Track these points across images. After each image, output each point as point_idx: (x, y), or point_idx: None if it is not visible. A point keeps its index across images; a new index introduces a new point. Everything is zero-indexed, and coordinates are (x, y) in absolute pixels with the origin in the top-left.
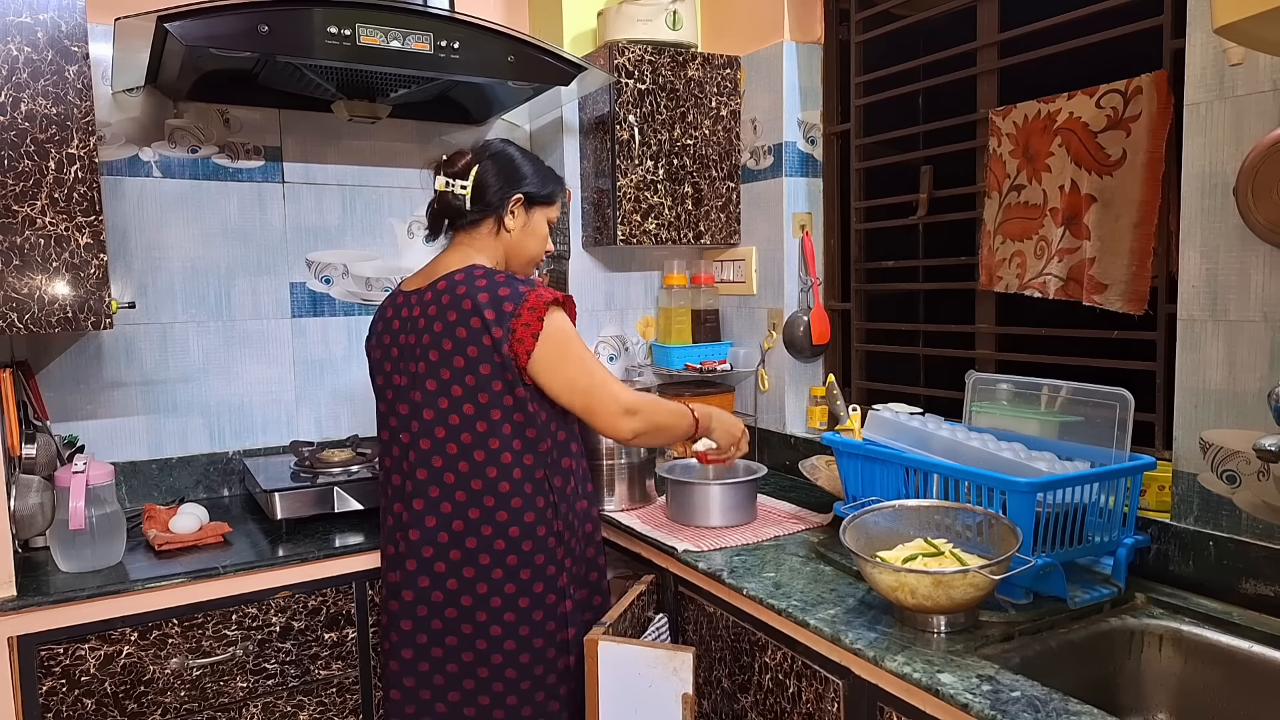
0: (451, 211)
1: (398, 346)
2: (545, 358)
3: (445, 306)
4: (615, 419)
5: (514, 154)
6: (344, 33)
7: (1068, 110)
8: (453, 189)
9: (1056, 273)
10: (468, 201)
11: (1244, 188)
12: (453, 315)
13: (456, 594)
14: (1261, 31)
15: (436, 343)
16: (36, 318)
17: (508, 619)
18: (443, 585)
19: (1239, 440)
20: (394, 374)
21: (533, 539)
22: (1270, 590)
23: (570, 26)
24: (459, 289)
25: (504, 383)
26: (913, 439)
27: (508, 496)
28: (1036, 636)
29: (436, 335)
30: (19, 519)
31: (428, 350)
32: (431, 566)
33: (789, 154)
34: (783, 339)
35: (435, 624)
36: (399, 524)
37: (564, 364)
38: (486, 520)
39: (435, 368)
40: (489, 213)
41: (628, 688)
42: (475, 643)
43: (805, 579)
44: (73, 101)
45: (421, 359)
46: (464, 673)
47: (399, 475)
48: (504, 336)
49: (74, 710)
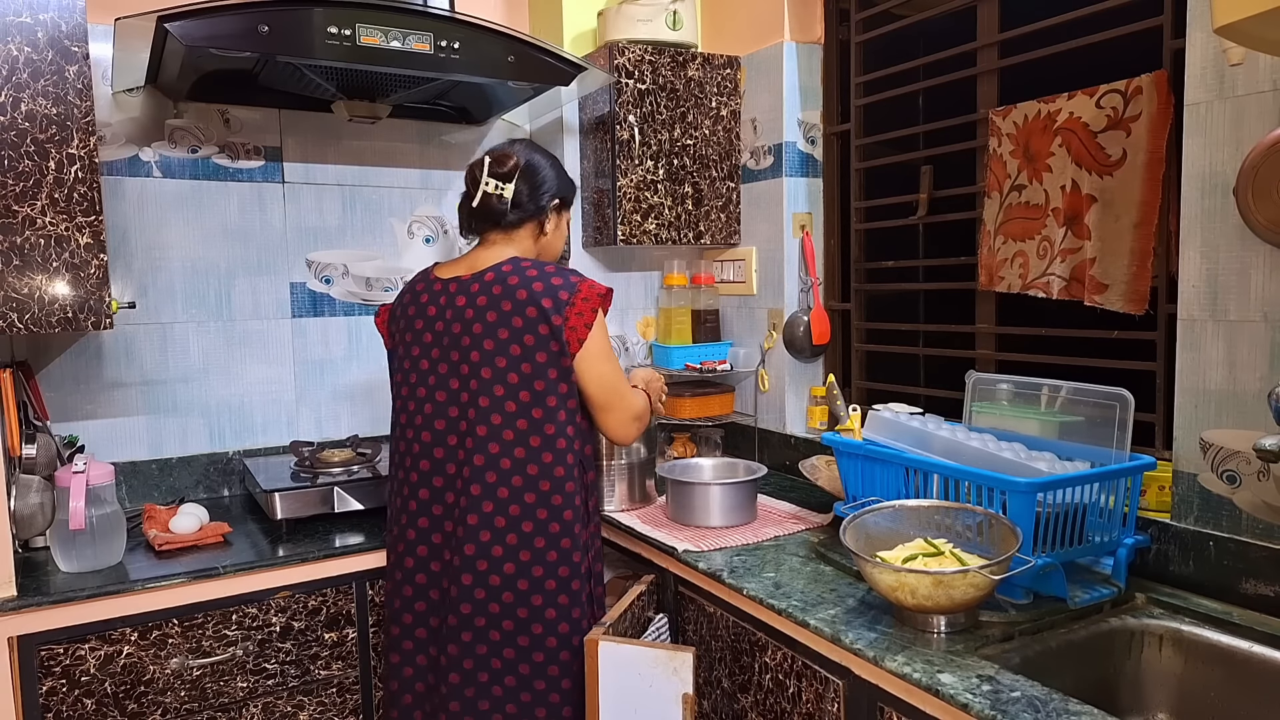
0: (494, 214)
1: (432, 333)
2: (594, 348)
3: (498, 296)
4: (627, 424)
5: (544, 160)
6: (344, 33)
7: (1068, 110)
8: (501, 191)
9: (1059, 273)
10: (509, 204)
11: (1244, 188)
12: (507, 305)
13: (500, 589)
14: (1261, 31)
15: (491, 331)
16: (36, 318)
17: (549, 615)
18: (500, 570)
19: (1239, 440)
20: (422, 359)
21: (579, 520)
22: (1270, 590)
23: (570, 26)
24: (510, 279)
25: (560, 370)
26: (913, 439)
27: (563, 481)
28: (1036, 636)
29: (490, 324)
30: (19, 519)
31: (481, 339)
32: (490, 550)
33: (789, 154)
34: (783, 339)
35: (478, 621)
36: (422, 509)
37: (605, 358)
38: (542, 504)
39: (490, 356)
40: (531, 217)
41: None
42: (517, 639)
43: (805, 579)
44: (73, 101)
45: (473, 348)
46: (505, 669)
47: (428, 460)
48: (561, 324)
49: (74, 710)
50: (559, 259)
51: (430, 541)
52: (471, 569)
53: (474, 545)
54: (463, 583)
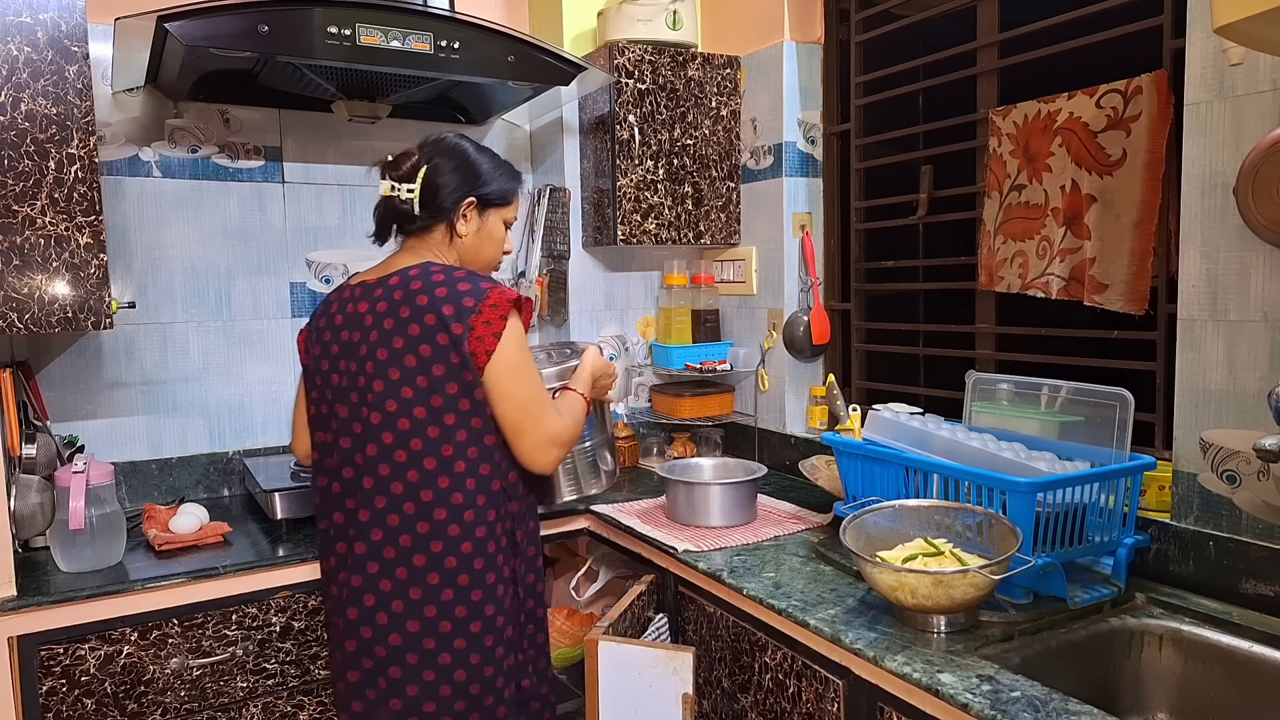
0: (399, 216)
1: (339, 344)
2: (504, 362)
3: (397, 302)
4: (539, 448)
5: (466, 150)
6: (344, 33)
7: (1068, 110)
8: (399, 193)
9: (1059, 273)
10: (416, 206)
11: (1244, 188)
12: (405, 311)
13: (403, 617)
14: (1261, 31)
15: (386, 340)
16: (36, 318)
17: (458, 645)
18: (388, 606)
19: (1239, 440)
20: (332, 373)
21: (484, 557)
22: (1270, 590)
23: (570, 26)
24: (413, 284)
25: (461, 384)
26: (913, 439)
27: (460, 509)
28: (1036, 636)
29: (386, 332)
30: (19, 519)
31: (375, 348)
32: (377, 584)
33: (789, 154)
34: (783, 339)
35: (380, 650)
36: (340, 534)
37: (514, 372)
38: (437, 535)
39: (383, 367)
40: (440, 218)
41: (628, 688)
42: (423, 674)
43: (805, 579)
44: (73, 101)
45: (368, 358)
46: (409, 709)
47: (339, 483)
48: (464, 334)
49: (74, 710)
50: (493, 266)
51: (347, 580)
52: (358, 603)
53: (360, 577)
54: (365, 604)
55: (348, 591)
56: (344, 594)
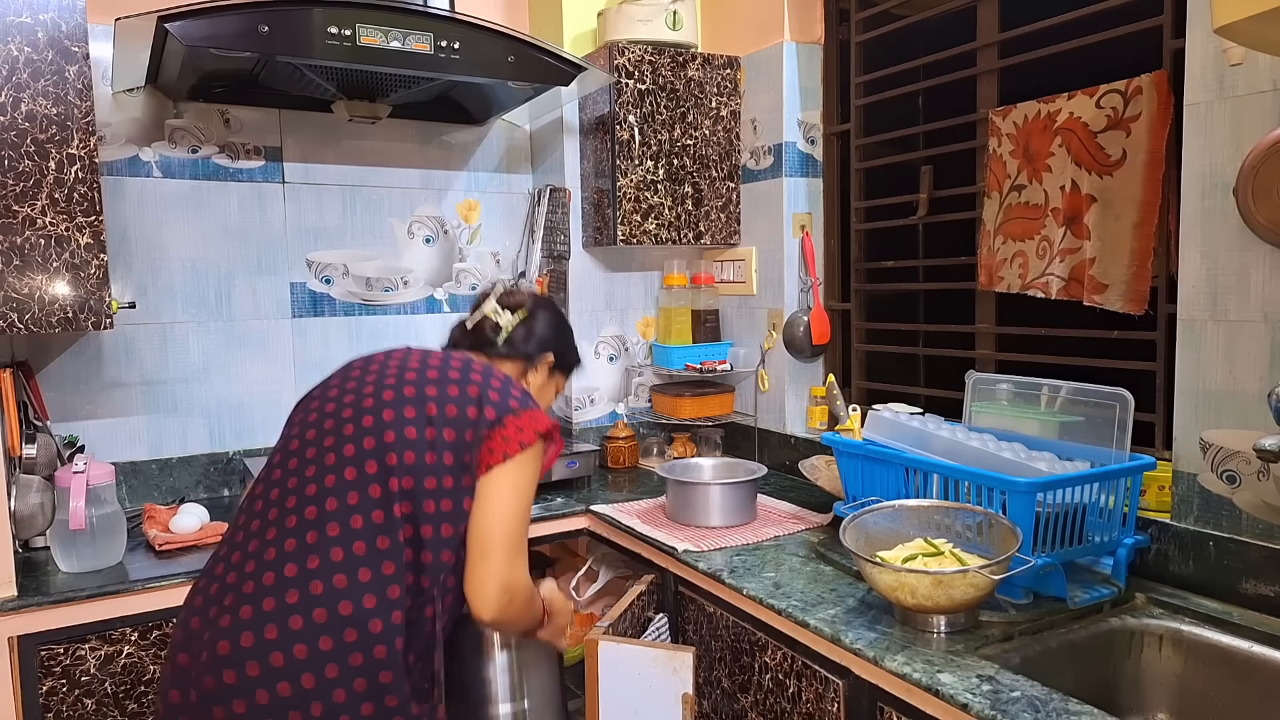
0: (483, 339)
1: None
2: (505, 475)
3: (450, 369)
4: (488, 587)
5: (559, 319)
6: (344, 33)
7: (1068, 110)
8: (498, 318)
9: (1058, 273)
10: (501, 337)
11: (1244, 188)
12: (455, 376)
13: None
14: (1261, 31)
15: (417, 400)
16: (37, 318)
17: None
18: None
19: (1239, 440)
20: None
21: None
22: (1270, 590)
23: (570, 27)
24: (475, 364)
25: (466, 469)
26: (913, 439)
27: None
28: (1036, 636)
29: (421, 392)
30: (19, 519)
31: (402, 405)
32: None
33: (789, 154)
34: (783, 339)
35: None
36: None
37: (507, 498)
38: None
39: (400, 423)
40: (518, 357)
41: (628, 687)
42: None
43: (805, 579)
44: (73, 101)
45: (379, 409)
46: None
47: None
48: (496, 419)
49: (74, 710)
50: None
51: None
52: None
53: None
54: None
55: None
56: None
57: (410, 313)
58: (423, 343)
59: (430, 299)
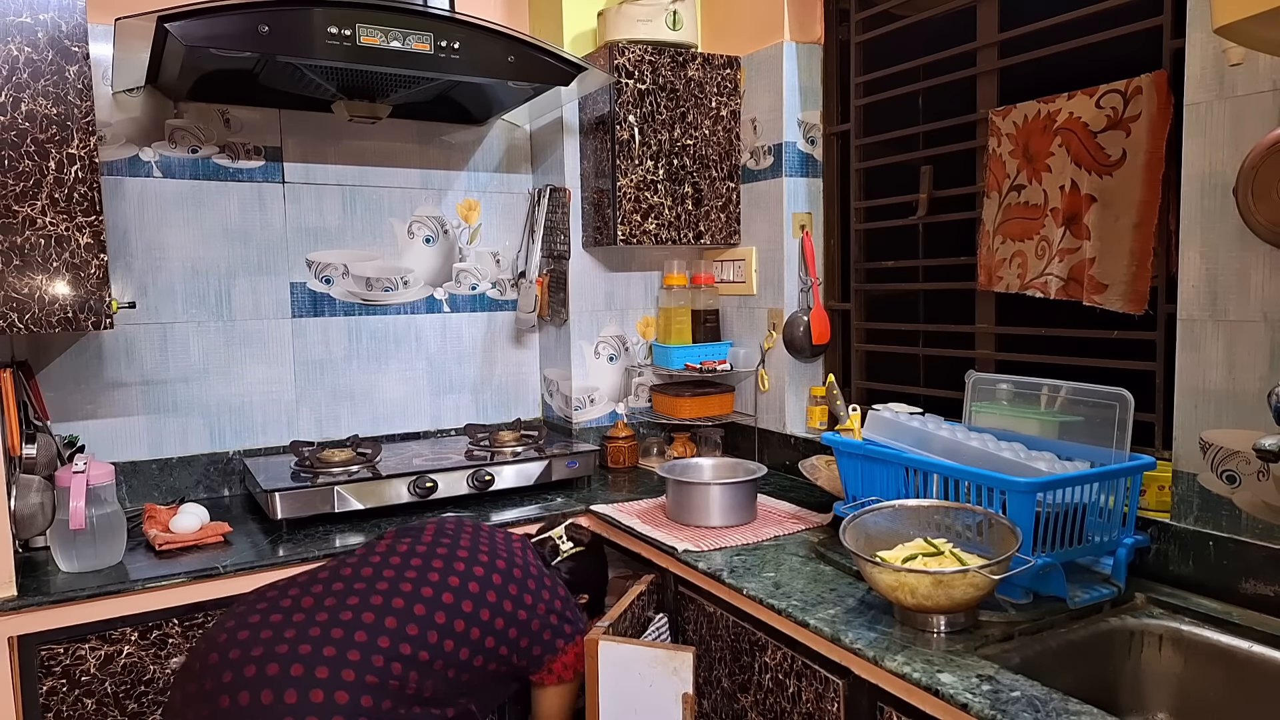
0: (540, 555)
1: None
2: (558, 695)
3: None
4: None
5: (603, 570)
6: (344, 33)
7: (1068, 110)
8: (560, 543)
9: (1058, 273)
10: (561, 566)
11: (1244, 188)
12: (516, 574)
13: None
14: (1261, 31)
15: (467, 573)
16: (37, 318)
17: None
18: None
19: (1239, 440)
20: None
21: None
22: (1270, 590)
23: (570, 26)
24: (533, 568)
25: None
26: (913, 439)
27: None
28: (1036, 636)
29: (477, 566)
30: (19, 519)
31: (448, 573)
32: None
33: (789, 154)
34: (783, 339)
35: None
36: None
37: (560, 707)
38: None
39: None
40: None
41: (628, 687)
42: None
43: (805, 579)
44: (73, 101)
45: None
46: None
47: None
48: (551, 640)
49: (74, 710)
50: None
51: None
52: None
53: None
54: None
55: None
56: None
57: (410, 313)
58: (422, 342)
59: (430, 299)
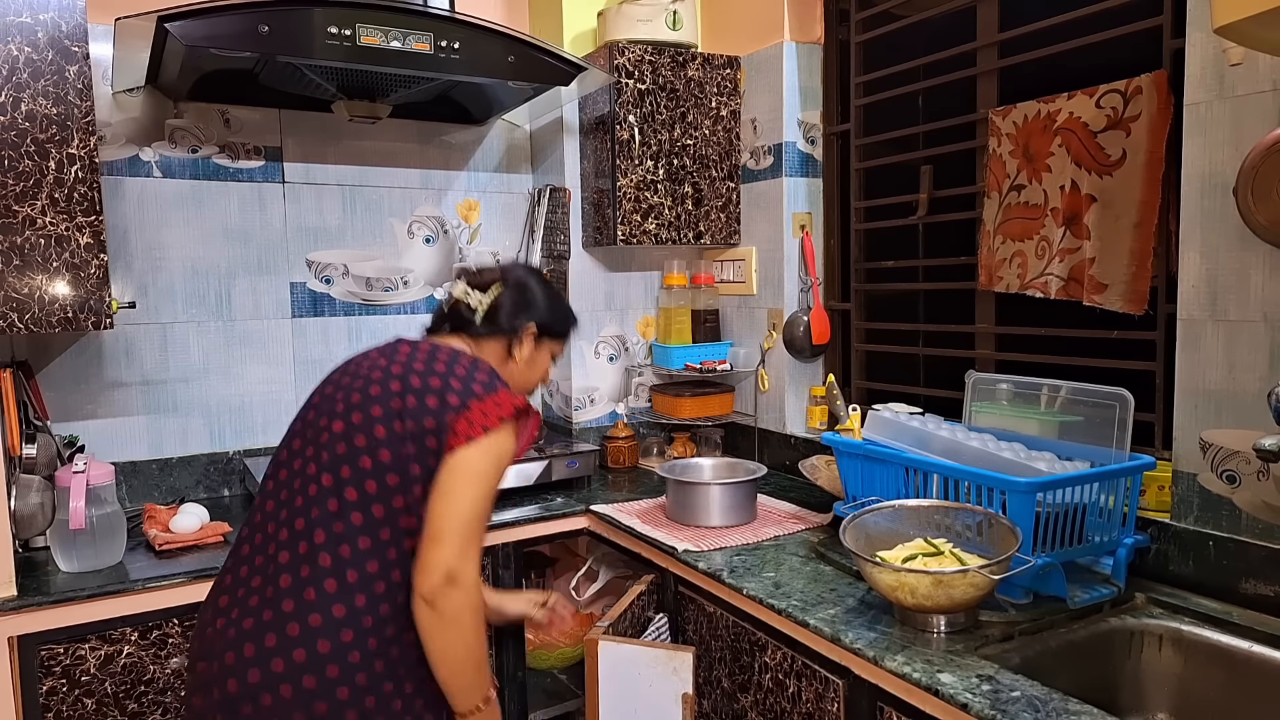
0: (460, 320)
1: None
2: (467, 459)
3: (415, 361)
4: (434, 573)
5: (537, 284)
6: (344, 33)
7: (1068, 110)
8: (469, 298)
9: (1058, 273)
10: (479, 317)
11: (1244, 188)
12: (419, 368)
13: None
14: (1261, 31)
15: (383, 398)
16: (37, 318)
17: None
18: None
19: (1239, 440)
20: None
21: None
22: (1270, 590)
23: (570, 26)
24: (441, 352)
25: (428, 455)
26: (913, 439)
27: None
28: (1036, 636)
29: (387, 389)
30: (19, 519)
31: (370, 405)
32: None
33: (789, 154)
34: (783, 339)
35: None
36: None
37: (466, 483)
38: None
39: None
40: (500, 334)
41: (628, 687)
42: None
43: (805, 579)
44: (73, 101)
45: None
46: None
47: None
48: (460, 405)
49: (74, 710)
50: (529, 391)
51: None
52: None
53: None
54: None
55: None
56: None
57: (410, 312)
58: None
59: (430, 299)
